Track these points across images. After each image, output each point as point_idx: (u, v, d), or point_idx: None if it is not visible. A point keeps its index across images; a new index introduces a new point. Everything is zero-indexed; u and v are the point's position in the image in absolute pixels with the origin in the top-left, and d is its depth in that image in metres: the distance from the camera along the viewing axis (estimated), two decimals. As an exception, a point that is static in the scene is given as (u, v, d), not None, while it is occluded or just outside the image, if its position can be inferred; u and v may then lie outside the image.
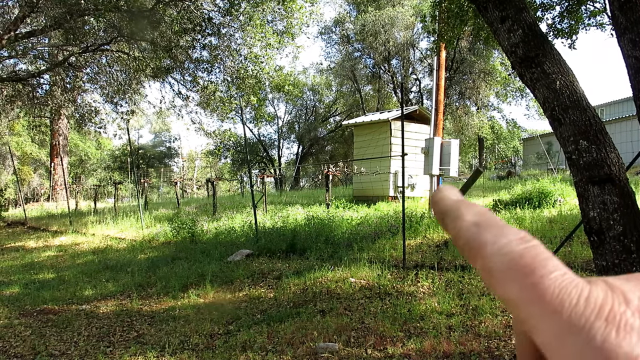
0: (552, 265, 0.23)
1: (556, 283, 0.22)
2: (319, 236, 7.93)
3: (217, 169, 37.61)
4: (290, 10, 10.34)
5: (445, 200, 0.29)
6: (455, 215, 0.28)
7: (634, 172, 13.31)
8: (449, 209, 0.28)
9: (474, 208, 0.28)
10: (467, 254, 0.26)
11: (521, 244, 0.24)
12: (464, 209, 0.28)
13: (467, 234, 0.26)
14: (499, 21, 3.16)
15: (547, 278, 0.22)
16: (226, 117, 12.34)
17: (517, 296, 0.23)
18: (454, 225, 0.27)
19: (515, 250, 0.24)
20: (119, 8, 8.71)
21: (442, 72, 9.96)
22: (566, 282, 0.22)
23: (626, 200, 2.75)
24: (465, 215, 0.27)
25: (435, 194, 0.30)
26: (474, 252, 0.25)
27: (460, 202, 0.28)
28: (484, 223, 0.26)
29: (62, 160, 18.09)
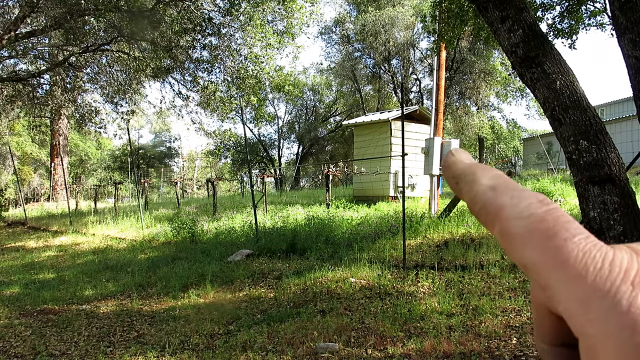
0: (574, 229, 0.22)
1: (580, 246, 0.21)
2: (319, 236, 7.93)
3: (217, 169, 37.61)
4: (291, 10, 10.34)
5: (458, 163, 0.28)
6: (470, 179, 0.27)
7: (634, 172, 13.30)
8: (463, 173, 0.27)
9: (490, 171, 0.27)
10: (484, 218, 0.25)
11: (542, 207, 0.23)
12: (479, 172, 0.27)
13: (483, 198, 0.25)
14: (499, 21, 3.16)
15: (570, 241, 0.22)
16: (226, 117, 12.35)
17: (538, 260, 0.22)
18: (469, 189, 0.26)
19: (536, 213, 0.23)
20: (119, 8, 8.71)
21: (442, 72, 9.96)
22: (590, 245, 0.22)
23: (626, 200, 2.75)
24: (480, 179, 0.26)
25: (448, 158, 0.29)
26: (492, 216, 0.25)
27: (475, 165, 0.27)
28: (501, 186, 0.25)
29: (62, 160, 18.09)
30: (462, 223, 7.69)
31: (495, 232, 0.24)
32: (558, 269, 0.21)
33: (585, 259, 0.21)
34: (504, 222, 0.24)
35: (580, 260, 0.21)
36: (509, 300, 4.49)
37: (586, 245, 0.22)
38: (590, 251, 0.21)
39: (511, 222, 0.23)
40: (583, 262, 0.21)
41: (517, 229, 0.23)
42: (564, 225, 0.22)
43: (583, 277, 0.21)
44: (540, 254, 0.22)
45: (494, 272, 5.31)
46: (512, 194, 0.25)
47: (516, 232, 0.23)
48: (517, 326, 3.94)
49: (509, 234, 0.23)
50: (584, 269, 0.21)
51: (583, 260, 0.21)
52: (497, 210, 0.24)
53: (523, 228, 0.23)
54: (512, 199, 0.24)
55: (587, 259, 0.21)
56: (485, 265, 5.53)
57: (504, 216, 0.24)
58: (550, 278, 0.22)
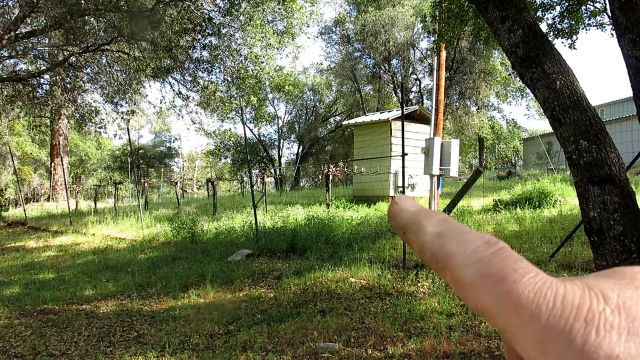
0: (522, 268, 0.22)
1: (530, 286, 0.21)
2: (319, 236, 7.93)
3: (217, 169, 37.61)
4: (291, 10, 10.34)
5: (403, 213, 0.27)
6: (415, 228, 0.26)
7: (634, 172, 13.30)
8: (409, 222, 0.27)
9: (434, 217, 0.26)
10: (435, 267, 0.25)
11: (488, 249, 0.23)
12: (423, 220, 0.26)
13: (431, 247, 0.25)
14: (499, 21, 3.16)
15: (519, 282, 0.21)
16: (226, 117, 12.35)
17: (492, 306, 0.22)
18: (416, 238, 0.26)
19: (483, 258, 0.22)
20: (119, 8, 8.71)
21: (442, 72, 9.96)
22: (539, 283, 0.21)
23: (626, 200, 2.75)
24: (426, 227, 0.25)
25: (392, 208, 0.28)
26: (442, 264, 0.24)
27: (419, 212, 0.27)
28: (447, 232, 0.25)
29: (62, 160, 18.09)
30: (462, 223, 7.67)
31: (448, 279, 0.24)
32: (511, 313, 0.21)
33: (536, 299, 0.21)
34: (454, 269, 0.23)
35: (532, 301, 0.21)
36: (509, 300, 4.49)
37: (536, 284, 0.21)
38: (541, 290, 0.21)
39: (460, 269, 0.23)
40: (535, 302, 0.21)
41: (467, 276, 0.23)
42: (512, 266, 0.22)
43: (536, 318, 0.20)
44: (492, 299, 0.22)
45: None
46: (459, 238, 0.24)
47: (466, 280, 0.23)
48: (517, 326, 3.94)
49: (461, 282, 0.23)
50: (536, 310, 0.20)
51: (535, 300, 0.21)
52: (445, 258, 0.24)
53: (473, 275, 0.22)
54: (459, 245, 0.24)
55: (538, 299, 0.21)
56: (485, 265, 5.53)
57: (453, 264, 0.23)
58: (505, 322, 0.21)
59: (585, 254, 5.50)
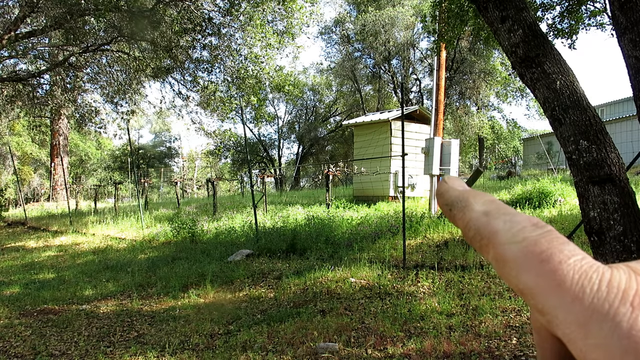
0: (569, 250, 0.22)
1: (575, 268, 0.21)
2: (319, 236, 7.93)
3: (217, 169, 37.61)
4: (291, 10, 10.34)
5: (451, 191, 0.28)
6: (462, 205, 0.26)
7: (634, 172, 13.31)
8: (456, 200, 0.27)
9: (482, 197, 0.26)
10: (478, 244, 0.25)
11: (535, 230, 0.23)
12: (472, 198, 0.26)
13: (477, 224, 0.25)
14: (499, 21, 3.16)
15: (565, 263, 0.21)
16: (226, 117, 12.34)
17: (534, 285, 0.22)
18: (462, 215, 0.26)
19: (529, 237, 0.23)
20: (119, 8, 8.71)
21: (442, 72, 9.96)
22: (586, 266, 0.21)
23: (626, 200, 2.74)
24: (473, 205, 0.26)
25: (440, 186, 0.29)
26: (485, 241, 0.24)
27: (467, 191, 0.27)
28: (494, 211, 0.25)
29: (62, 160, 18.09)
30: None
31: (490, 258, 0.24)
32: (554, 293, 0.21)
33: (581, 281, 0.21)
34: (498, 247, 0.23)
35: (576, 283, 0.21)
36: (509, 300, 4.49)
37: (582, 267, 0.21)
38: (587, 272, 0.21)
39: (505, 246, 0.23)
40: (579, 284, 0.20)
41: (511, 253, 0.23)
42: (559, 247, 0.22)
43: (580, 300, 0.20)
44: (535, 278, 0.22)
45: (494, 272, 5.31)
46: (505, 218, 0.24)
47: (510, 257, 0.23)
48: (517, 326, 3.94)
49: (503, 259, 0.23)
50: (580, 291, 0.20)
51: (579, 282, 0.21)
52: (490, 235, 0.24)
53: (517, 252, 0.22)
54: (505, 224, 0.24)
55: (583, 281, 0.21)
56: (485, 265, 5.53)
57: (497, 241, 0.24)
58: (547, 302, 0.21)
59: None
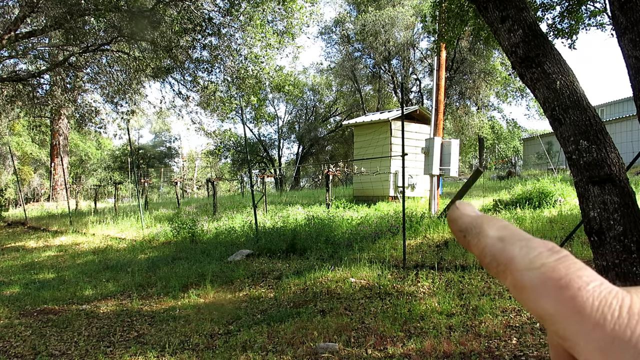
0: (587, 276, 0.22)
1: (595, 294, 0.21)
2: (319, 236, 7.93)
3: (217, 169, 37.61)
4: (291, 10, 10.34)
5: (464, 217, 0.28)
6: (477, 231, 0.26)
7: (634, 172, 13.31)
8: (469, 226, 0.27)
9: (496, 222, 0.26)
10: (495, 270, 0.25)
11: (552, 256, 0.23)
12: (485, 224, 0.26)
13: (492, 250, 0.25)
14: (499, 21, 3.16)
15: (584, 290, 0.21)
16: (226, 117, 12.34)
17: (554, 311, 0.21)
18: (477, 242, 0.26)
19: (547, 263, 0.23)
20: (119, 8, 8.71)
21: (442, 72, 9.95)
22: (605, 292, 0.21)
23: (626, 200, 2.74)
24: (487, 231, 0.26)
25: (452, 212, 0.29)
26: (502, 267, 0.24)
27: (480, 217, 0.27)
28: (509, 237, 0.25)
29: (62, 160, 18.09)
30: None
31: (508, 284, 0.24)
32: (575, 320, 0.21)
33: (601, 307, 0.20)
34: (516, 273, 0.23)
35: (596, 309, 0.20)
36: (509, 300, 4.49)
37: (601, 293, 0.21)
38: (606, 298, 0.21)
39: (523, 273, 0.23)
40: (600, 311, 0.20)
41: (529, 280, 0.23)
42: (577, 273, 0.22)
43: (601, 327, 0.20)
44: (555, 304, 0.22)
45: (494, 272, 5.31)
46: (521, 244, 0.24)
47: (529, 284, 0.23)
48: (517, 326, 3.94)
49: (522, 286, 0.23)
50: (601, 318, 0.20)
51: (600, 308, 0.20)
52: (507, 261, 0.24)
53: (536, 279, 0.22)
54: (521, 249, 0.24)
55: (603, 307, 0.20)
56: (485, 265, 5.53)
57: (515, 267, 0.23)
58: (568, 329, 0.21)
59: (585, 254, 5.50)
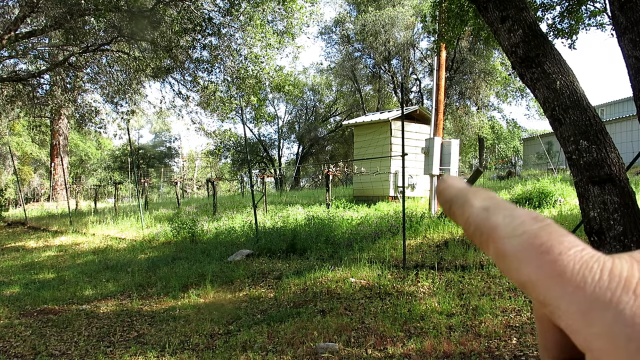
0: (569, 242, 0.22)
1: (576, 259, 0.21)
2: (319, 236, 7.93)
3: (217, 169, 37.61)
4: (291, 10, 10.34)
5: (451, 188, 0.28)
6: (462, 202, 0.27)
7: (634, 172, 13.31)
8: (456, 197, 0.27)
9: (482, 193, 0.27)
10: (478, 239, 0.25)
11: (535, 224, 0.23)
12: (471, 195, 0.27)
13: (476, 219, 0.25)
14: (499, 21, 3.16)
15: (565, 254, 0.21)
16: (226, 117, 12.34)
17: (535, 277, 0.22)
18: (462, 212, 0.26)
19: (529, 230, 0.23)
20: (119, 8, 8.71)
21: (442, 72, 9.95)
22: (586, 257, 0.21)
23: (626, 200, 2.75)
24: (472, 201, 0.26)
25: (440, 184, 0.29)
26: (485, 236, 0.24)
27: (466, 189, 0.27)
28: (493, 206, 0.25)
29: (62, 160, 18.09)
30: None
31: (491, 253, 0.24)
32: (555, 284, 0.21)
33: (582, 271, 0.21)
34: (498, 241, 0.23)
35: (577, 272, 0.21)
36: (509, 300, 4.49)
37: (582, 257, 0.21)
38: (587, 262, 0.21)
39: (505, 240, 0.23)
40: (580, 274, 0.21)
41: (511, 247, 0.23)
42: (559, 239, 0.22)
43: (581, 289, 0.20)
44: (536, 270, 0.22)
45: (494, 272, 5.31)
46: (505, 213, 0.24)
47: (510, 251, 0.23)
48: (517, 326, 3.94)
49: (504, 253, 0.23)
50: (582, 281, 0.20)
51: (580, 271, 0.21)
52: (490, 230, 0.24)
53: (517, 245, 0.23)
54: (504, 218, 0.24)
55: (584, 271, 0.21)
56: (485, 265, 5.53)
57: (497, 235, 0.24)
58: (548, 293, 0.21)
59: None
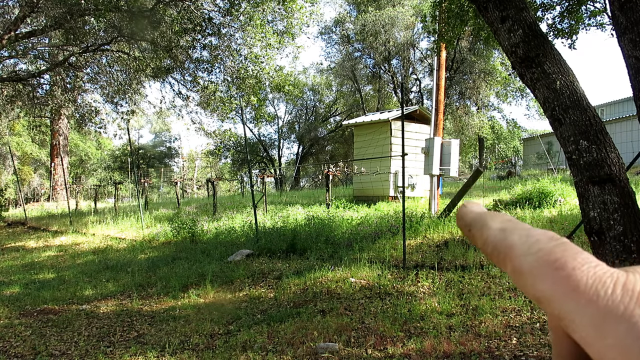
0: (582, 258, 0.23)
1: (589, 274, 0.22)
2: (319, 236, 7.93)
3: (217, 169, 37.61)
4: (291, 10, 10.34)
5: (470, 213, 0.30)
6: (481, 225, 0.28)
7: (634, 172, 13.31)
8: (474, 220, 0.29)
9: (499, 216, 0.28)
10: (496, 258, 0.26)
11: (550, 242, 0.24)
12: (489, 218, 0.28)
13: (494, 240, 0.26)
14: (499, 21, 3.16)
15: (578, 270, 0.22)
16: (226, 117, 12.34)
17: (550, 292, 0.23)
18: (481, 234, 0.28)
19: (544, 248, 0.24)
20: (119, 8, 8.71)
21: (442, 72, 9.95)
22: (600, 272, 0.22)
23: (626, 200, 2.75)
24: (490, 223, 0.28)
25: (460, 210, 0.31)
26: (503, 255, 0.25)
27: (485, 213, 0.29)
28: (510, 227, 0.26)
29: (62, 160, 18.09)
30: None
31: (508, 271, 0.25)
32: (569, 298, 0.22)
33: (595, 285, 0.21)
34: (515, 259, 0.25)
35: (590, 287, 0.21)
36: (509, 300, 4.49)
37: (596, 273, 0.22)
38: (601, 277, 0.22)
39: (521, 258, 0.24)
40: (594, 288, 0.21)
41: (527, 264, 0.24)
42: (572, 255, 0.23)
43: (594, 302, 0.21)
44: (550, 285, 0.23)
45: (494, 272, 5.31)
46: (521, 233, 0.26)
47: (526, 268, 0.24)
48: (517, 326, 3.94)
49: (520, 270, 0.24)
50: (595, 294, 0.21)
51: (593, 286, 0.21)
52: (507, 249, 0.25)
53: (533, 262, 0.24)
54: (520, 237, 0.25)
55: (597, 285, 0.21)
56: (485, 265, 5.53)
57: (514, 254, 0.25)
58: (563, 307, 0.22)
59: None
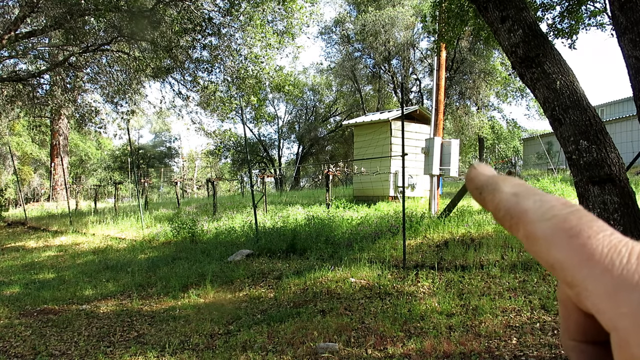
0: (598, 226, 0.23)
1: (604, 242, 0.22)
2: (319, 236, 7.93)
3: (217, 169, 37.60)
4: (291, 11, 10.34)
5: (480, 176, 0.29)
6: (492, 188, 0.27)
7: (634, 172, 13.31)
8: (485, 184, 0.28)
9: (511, 180, 0.28)
10: (508, 224, 0.26)
11: (565, 209, 0.24)
12: (500, 181, 0.28)
13: (506, 204, 0.26)
14: (499, 21, 3.16)
15: (594, 238, 0.22)
16: (226, 117, 12.34)
17: (564, 259, 0.22)
18: (492, 197, 0.27)
19: (559, 214, 0.24)
20: (119, 8, 8.71)
21: (442, 72, 9.95)
22: (615, 241, 0.22)
23: (626, 200, 2.75)
24: (503, 187, 0.27)
25: (470, 171, 0.30)
26: (515, 220, 0.25)
27: (496, 176, 0.28)
28: (523, 192, 0.26)
29: (62, 160, 18.09)
30: (462, 223, 7.69)
31: (520, 236, 0.25)
32: (584, 266, 0.22)
33: (610, 254, 0.21)
34: (528, 225, 0.24)
35: (605, 255, 0.21)
36: (509, 300, 4.49)
37: (611, 241, 0.22)
38: (616, 246, 0.22)
39: (535, 224, 0.24)
40: (609, 257, 0.21)
41: (541, 230, 0.24)
42: (588, 223, 0.23)
43: (609, 271, 0.21)
44: (565, 252, 0.22)
45: (494, 272, 5.31)
46: (535, 198, 0.25)
47: (540, 234, 0.24)
48: (517, 326, 3.94)
49: (534, 236, 0.24)
50: (610, 264, 0.21)
51: (608, 255, 0.21)
52: (520, 214, 0.25)
53: (547, 229, 0.23)
54: (534, 203, 0.25)
55: (612, 254, 0.21)
56: (485, 265, 5.53)
57: (527, 219, 0.24)
58: (576, 275, 0.22)
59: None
